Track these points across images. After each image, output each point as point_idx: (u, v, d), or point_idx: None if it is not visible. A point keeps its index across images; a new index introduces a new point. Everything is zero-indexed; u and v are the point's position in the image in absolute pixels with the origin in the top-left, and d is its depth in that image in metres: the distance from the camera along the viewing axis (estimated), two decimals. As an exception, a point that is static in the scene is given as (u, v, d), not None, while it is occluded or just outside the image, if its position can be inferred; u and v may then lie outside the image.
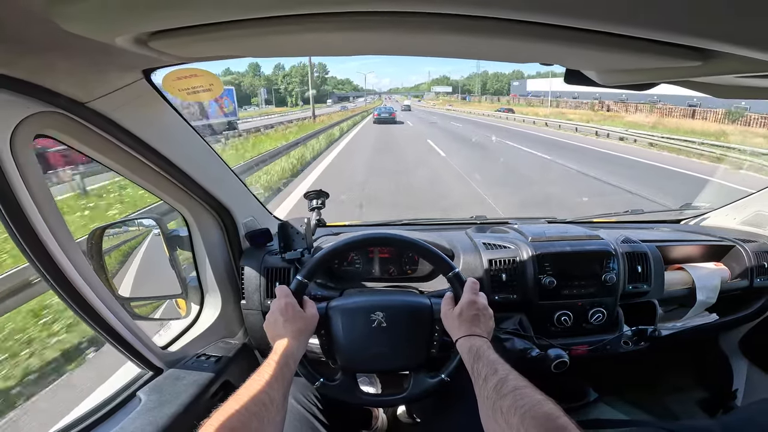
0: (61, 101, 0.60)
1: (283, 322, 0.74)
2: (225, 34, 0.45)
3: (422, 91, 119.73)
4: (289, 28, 0.44)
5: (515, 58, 0.63)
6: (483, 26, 0.41)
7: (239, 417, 0.54)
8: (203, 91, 0.80)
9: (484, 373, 0.62)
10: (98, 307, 0.73)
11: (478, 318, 0.76)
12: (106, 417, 0.79)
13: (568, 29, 0.40)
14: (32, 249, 0.62)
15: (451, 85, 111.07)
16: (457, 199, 5.69)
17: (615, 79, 0.67)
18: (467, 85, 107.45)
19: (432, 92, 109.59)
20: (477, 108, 47.07)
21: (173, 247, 1.03)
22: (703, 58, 0.47)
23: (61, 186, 5.79)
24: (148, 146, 0.76)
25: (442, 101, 78.83)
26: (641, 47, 0.44)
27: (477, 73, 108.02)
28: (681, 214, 1.63)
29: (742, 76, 0.54)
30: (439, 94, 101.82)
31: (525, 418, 0.50)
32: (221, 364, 0.97)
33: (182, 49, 0.52)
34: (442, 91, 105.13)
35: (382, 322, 0.83)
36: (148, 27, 0.43)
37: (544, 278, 1.04)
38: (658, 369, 1.52)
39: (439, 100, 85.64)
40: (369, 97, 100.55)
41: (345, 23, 0.43)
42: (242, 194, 1.14)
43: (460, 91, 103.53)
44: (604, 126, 17.13)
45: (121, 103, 0.67)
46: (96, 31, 0.44)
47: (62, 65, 0.56)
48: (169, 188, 0.89)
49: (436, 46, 0.52)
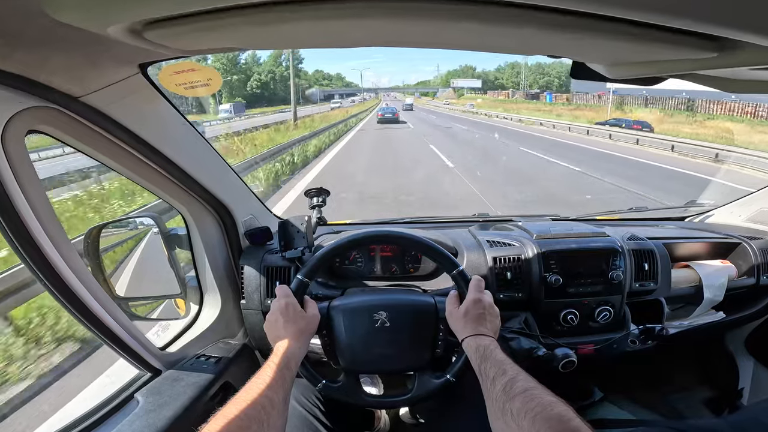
0: (54, 96, 0.58)
1: (284, 322, 0.73)
2: (221, 23, 0.43)
3: (434, 87, 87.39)
4: (288, 16, 0.42)
5: (521, 49, 0.62)
6: (487, 13, 0.40)
7: (239, 421, 0.52)
8: (201, 86, 0.78)
9: (492, 374, 0.61)
10: (94, 308, 0.72)
11: (484, 317, 0.74)
12: (104, 419, 0.77)
13: (578, 16, 0.39)
14: (25, 248, 0.61)
15: (479, 77, 78.79)
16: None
17: (624, 72, 0.65)
18: (499, 79, 74.60)
19: (448, 88, 76.70)
20: (535, 115, 26.12)
21: (172, 246, 1.01)
22: (719, 49, 0.45)
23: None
24: (145, 143, 0.74)
25: (466, 100, 55.91)
26: (654, 37, 0.43)
27: (504, 65, 73.83)
28: (686, 212, 1.62)
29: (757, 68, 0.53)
30: (461, 90, 72.42)
31: (536, 420, 0.49)
32: (221, 365, 0.96)
33: (178, 41, 0.51)
34: (466, 86, 74.33)
35: (385, 321, 0.81)
36: (140, 15, 0.42)
37: (550, 276, 1.02)
38: (663, 368, 1.50)
39: (463, 99, 60.23)
40: (366, 94, 79.01)
41: (346, 11, 0.41)
42: (241, 192, 1.12)
43: (492, 86, 71.91)
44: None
45: (116, 98, 0.66)
46: (87, 20, 0.43)
47: (56, 58, 0.54)
48: (167, 186, 0.87)
49: (439, 36, 0.51)
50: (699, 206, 1.61)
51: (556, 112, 30.26)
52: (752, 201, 1.43)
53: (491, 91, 68.23)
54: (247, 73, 61.80)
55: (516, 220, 1.33)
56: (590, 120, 21.16)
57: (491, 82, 76.16)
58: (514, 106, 39.47)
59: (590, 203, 5.59)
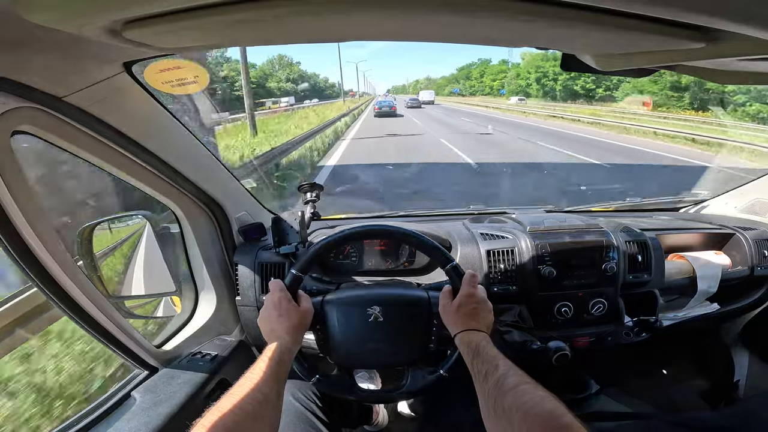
0: (38, 96, 0.57)
1: (277, 316, 0.73)
2: (203, 21, 0.43)
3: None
4: (271, 12, 0.41)
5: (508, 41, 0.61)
6: (478, 4, 0.39)
7: (233, 416, 0.52)
8: (189, 83, 0.78)
9: (484, 370, 0.61)
10: (87, 307, 0.72)
11: (477, 312, 0.74)
12: (102, 418, 0.78)
13: (564, 6, 0.38)
14: (15, 249, 0.60)
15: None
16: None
17: (612, 64, 0.64)
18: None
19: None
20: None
21: (165, 244, 1.02)
22: (707, 40, 0.45)
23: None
24: (133, 141, 0.74)
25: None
26: (642, 27, 0.42)
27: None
28: (680, 202, 1.61)
29: (746, 59, 0.52)
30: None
31: (528, 416, 0.49)
32: (217, 362, 0.96)
33: (159, 39, 0.50)
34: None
35: (378, 316, 0.81)
36: (113, 15, 0.41)
37: (544, 268, 1.02)
38: (659, 360, 1.51)
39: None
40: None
41: (336, 5, 0.40)
42: (234, 188, 1.12)
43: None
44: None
45: (100, 97, 0.65)
46: (61, 21, 0.42)
47: (36, 59, 0.53)
48: (157, 183, 0.87)
49: (425, 29, 0.50)
50: (693, 197, 1.60)
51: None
52: (747, 192, 1.43)
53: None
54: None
55: (510, 212, 1.33)
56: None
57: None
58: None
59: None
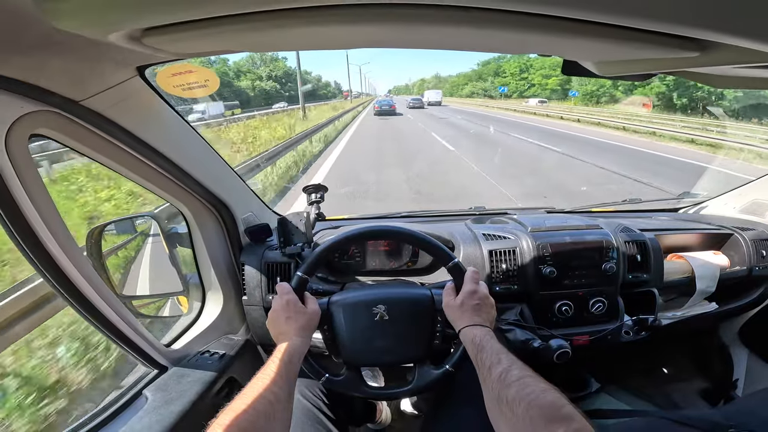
0: (55, 100, 0.59)
1: (285, 319, 0.74)
2: (220, 29, 0.45)
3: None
4: (284, 22, 0.43)
5: (512, 49, 0.63)
6: (480, 17, 0.41)
7: (247, 416, 0.54)
8: (199, 86, 0.80)
9: (488, 363, 0.62)
10: (101, 307, 0.73)
11: (479, 307, 0.76)
12: (114, 416, 0.79)
13: (565, 20, 0.40)
14: (32, 250, 0.62)
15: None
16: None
17: (613, 69, 0.67)
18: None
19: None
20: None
21: (173, 245, 1.03)
22: (701, 49, 0.47)
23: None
24: (145, 143, 0.75)
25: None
26: (639, 38, 0.44)
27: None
28: (679, 203, 1.63)
29: (741, 66, 0.54)
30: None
31: (530, 407, 0.51)
32: (225, 361, 0.98)
33: (176, 46, 0.52)
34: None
35: (384, 315, 0.83)
36: (140, 23, 0.43)
37: (545, 268, 1.04)
38: (658, 359, 1.53)
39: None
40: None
41: (341, 17, 0.42)
42: (240, 190, 1.13)
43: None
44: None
45: (115, 101, 0.67)
46: (87, 28, 0.44)
47: (55, 63, 0.55)
48: (167, 185, 0.89)
49: (430, 39, 0.52)
50: (693, 197, 1.62)
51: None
52: (746, 192, 1.45)
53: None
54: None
55: (511, 213, 1.35)
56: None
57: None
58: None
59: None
